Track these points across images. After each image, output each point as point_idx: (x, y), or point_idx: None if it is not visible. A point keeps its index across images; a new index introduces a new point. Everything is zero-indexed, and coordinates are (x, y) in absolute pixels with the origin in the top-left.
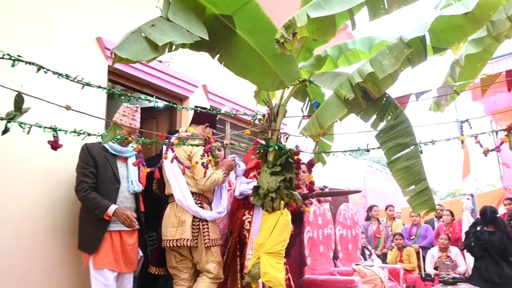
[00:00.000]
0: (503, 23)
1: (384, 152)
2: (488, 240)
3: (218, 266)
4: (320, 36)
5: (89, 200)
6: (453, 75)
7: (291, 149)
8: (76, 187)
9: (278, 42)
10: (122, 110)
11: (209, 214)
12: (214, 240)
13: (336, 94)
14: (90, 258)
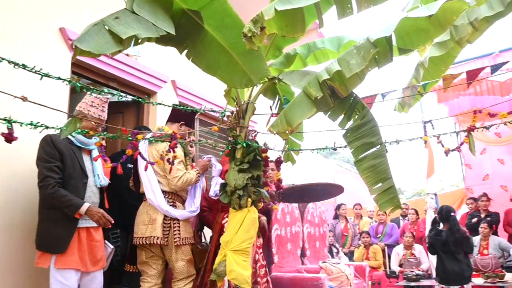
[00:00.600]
0: (466, 28)
1: (351, 151)
2: (439, 239)
3: (188, 264)
4: (289, 32)
5: (58, 197)
6: (417, 77)
7: (259, 147)
8: (40, 182)
9: (246, 36)
10: (90, 100)
11: (180, 213)
12: (185, 238)
13: (305, 92)
14: (53, 257)
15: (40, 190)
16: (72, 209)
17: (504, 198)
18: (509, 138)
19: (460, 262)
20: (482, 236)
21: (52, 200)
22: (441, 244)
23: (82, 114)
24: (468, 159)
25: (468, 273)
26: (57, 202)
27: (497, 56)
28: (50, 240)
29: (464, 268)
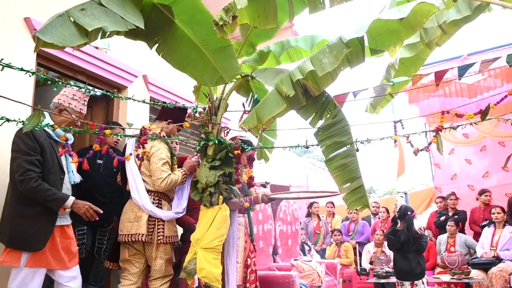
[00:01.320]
0: (435, 31)
1: (322, 149)
2: (392, 237)
3: (167, 263)
4: (261, 24)
5: (42, 191)
6: (388, 77)
7: (231, 144)
8: (20, 176)
9: (217, 25)
10: (71, 93)
11: (165, 214)
12: (168, 237)
13: (277, 89)
14: (24, 256)
15: (21, 183)
16: (58, 203)
17: (471, 197)
18: (476, 139)
19: (410, 260)
20: (449, 233)
21: (36, 194)
22: (394, 242)
23: (62, 107)
24: (437, 159)
25: (417, 271)
26: (41, 196)
27: (465, 59)
28: (25, 238)
29: (414, 266)
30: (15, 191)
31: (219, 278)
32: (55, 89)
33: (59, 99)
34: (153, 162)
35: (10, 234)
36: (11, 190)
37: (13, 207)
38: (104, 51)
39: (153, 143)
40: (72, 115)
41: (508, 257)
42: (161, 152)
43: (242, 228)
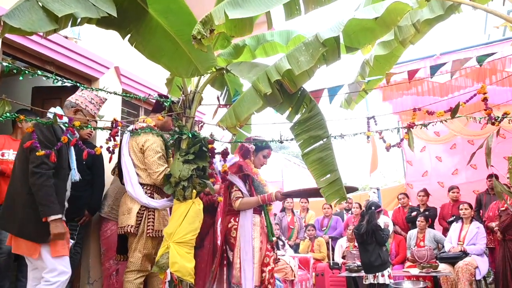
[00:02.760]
0: (409, 29)
1: (298, 144)
2: (355, 231)
3: (144, 258)
4: (238, 33)
5: (46, 191)
6: (363, 74)
7: (205, 138)
8: (35, 167)
9: (195, 38)
10: (90, 96)
11: (160, 203)
12: (158, 231)
13: (254, 87)
14: (45, 246)
15: (32, 175)
16: (48, 212)
17: (441, 194)
18: (447, 137)
19: (370, 253)
20: (419, 229)
21: (39, 190)
22: (357, 235)
23: (78, 107)
24: (409, 156)
25: (377, 263)
26: (41, 195)
27: (438, 58)
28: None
29: (374, 259)
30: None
31: (192, 272)
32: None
33: (76, 99)
34: (148, 156)
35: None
36: (20, 181)
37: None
38: (74, 40)
39: (147, 136)
40: (86, 117)
41: (474, 251)
42: (156, 145)
43: (257, 228)
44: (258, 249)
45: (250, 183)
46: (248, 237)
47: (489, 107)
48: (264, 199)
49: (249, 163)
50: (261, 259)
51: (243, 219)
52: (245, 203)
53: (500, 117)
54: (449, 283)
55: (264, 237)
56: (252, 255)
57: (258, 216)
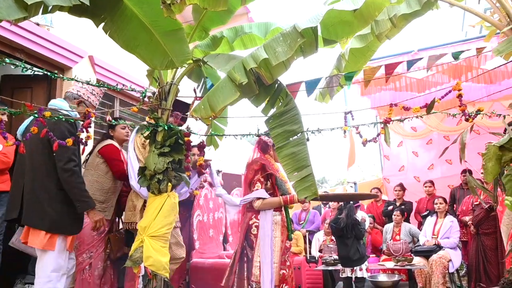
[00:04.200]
0: (385, 23)
1: (273, 137)
2: (333, 225)
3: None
4: (211, 5)
5: (79, 189)
6: (339, 67)
7: (181, 130)
8: (64, 164)
9: (165, 3)
10: (91, 88)
11: None
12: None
13: (229, 77)
14: (60, 239)
15: (63, 172)
16: (85, 207)
17: (417, 188)
18: (424, 133)
19: (348, 247)
20: (395, 223)
21: (74, 188)
22: (335, 229)
23: (81, 99)
24: (386, 151)
25: (356, 257)
26: (77, 192)
27: (415, 54)
28: (71, 222)
29: (352, 253)
30: (53, 177)
31: (167, 267)
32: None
33: (78, 91)
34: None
35: (52, 219)
36: (46, 176)
37: (53, 193)
38: (46, 28)
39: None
40: (88, 108)
41: (447, 244)
42: None
43: (279, 227)
44: (279, 249)
45: (273, 182)
46: (268, 239)
47: (464, 104)
48: (286, 200)
49: (270, 159)
50: (282, 259)
51: (263, 220)
52: (267, 203)
53: (473, 113)
54: (423, 275)
55: (285, 236)
56: (272, 256)
57: (279, 214)
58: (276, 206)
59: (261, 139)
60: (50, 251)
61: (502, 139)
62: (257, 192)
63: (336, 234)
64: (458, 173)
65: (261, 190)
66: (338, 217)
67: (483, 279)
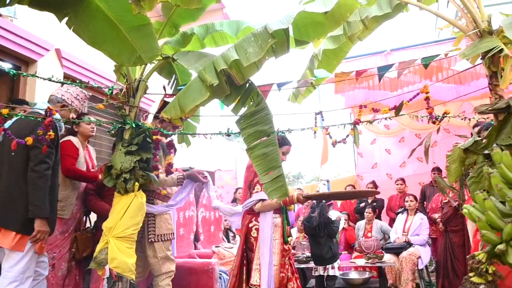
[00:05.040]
0: (357, 25)
1: (244, 138)
2: (306, 223)
3: (162, 261)
4: (184, 3)
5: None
6: (312, 68)
7: (149, 128)
8: (35, 164)
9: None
10: (76, 92)
11: (155, 209)
12: (160, 235)
13: (200, 78)
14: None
15: (32, 172)
16: (37, 212)
17: (389, 186)
18: (396, 131)
19: (321, 245)
20: (367, 220)
21: (36, 190)
22: (308, 228)
23: (65, 103)
24: (360, 148)
25: (329, 255)
26: (38, 195)
27: (388, 54)
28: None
29: (325, 251)
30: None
31: (133, 268)
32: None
33: (62, 95)
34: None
35: (24, 220)
36: (21, 176)
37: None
38: (9, 19)
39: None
40: (71, 112)
41: (417, 241)
42: None
43: (279, 230)
44: (278, 251)
45: None
46: (267, 241)
47: (431, 106)
48: (286, 201)
49: None
50: (282, 261)
51: (263, 222)
52: (266, 205)
53: (440, 116)
54: (393, 272)
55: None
56: (271, 259)
57: (279, 216)
58: (275, 208)
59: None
60: (18, 252)
61: (467, 141)
62: (257, 195)
63: (309, 233)
64: (429, 171)
65: (261, 192)
66: (311, 216)
67: (450, 275)
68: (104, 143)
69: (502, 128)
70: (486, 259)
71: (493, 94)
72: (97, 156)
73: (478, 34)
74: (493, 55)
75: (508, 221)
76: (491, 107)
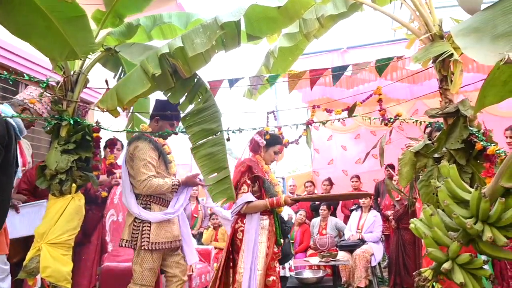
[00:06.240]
0: (313, 23)
1: (189, 136)
2: None
3: (147, 272)
4: None
5: None
6: (267, 65)
7: (89, 125)
8: None
9: None
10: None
11: (152, 216)
12: (155, 243)
13: (142, 67)
14: None
15: None
16: None
17: (345, 182)
18: (352, 127)
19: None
20: (322, 217)
21: None
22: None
23: (26, 106)
24: (317, 144)
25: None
26: None
27: (344, 52)
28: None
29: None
30: None
31: (69, 277)
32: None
33: (24, 98)
34: (135, 165)
35: None
36: None
37: None
38: None
39: (136, 143)
40: (33, 115)
41: (371, 239)
42: (143, 153)
43: (265, 232)
44: (264, 255)
45: (260, 185)
46: (251, 244)
47: (384, 108)
48: (273, 203)
49: (260, 160)
50: (266, 265)
51: (248, 224)
52: (252, 207)
53: (392, 118)
54: (347, 270)
55: (272, 241)
56: (255, 262)
57: (267, 218)
58: (262, 209)
59: (253, 138)
60: None
61: (418, 145)
62: (243, 197)
63: None
64: (383, 167)
65: (248, 193)
66: None
67: (402, 272)
68: (44, 137)
69: (451, 132)
70: (432, 276)
71: (443, 98)
72: (36, 152)
73: (430, 38)
74: (443, 59)
75: (454, 236)
76: (441, 111)
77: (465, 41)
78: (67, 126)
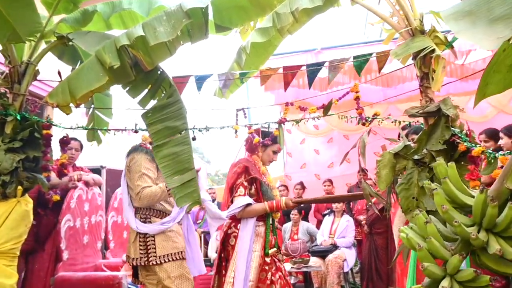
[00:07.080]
0: (287, 17)
1: (151, 134)
2: None
3: (180, 280)
4: None
5: None
6: (239, 61)
7: (39, 121)
8: None
9: None
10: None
11: (150, 228)
12: (163, 256)
13: (98, 58)
14: None
15: None
16: None
17: (317, 186)
18: (325, 131)
19: None
20: (293, 222)
21: None
22: None
23: None
24: (289, 148)
25: None
26: None
27: (318, 53)
28: None
29: None
30: None
31: None
32: None
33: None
34: (131, 178)
35: None
36: None
37: None
38: None
39: (133, 155)
40: None
41: (343, 244)
42: (138, 165)
43: (260, 240)
44: (257, 265)
45: (257, 187)
46: (245, 252)
47: (361, 107)
48: (272, 206)
49: (257, 160)
50: (258, 276)
51: (242, 230)
52: (250, 211)
53: (370, 117)
54: (319, 276)
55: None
56: (248, 273)
57: (262, 225)
58: (260, 214)
59: (249, 137)
60: None
61: (397, 146)
62: (240, 200)
63: None
64: (356, 172)
65: (246, 196)
66: None
67: (374, 278)
68: None
69: (432, 133)
70: None
71: (424, 97)
72: None
73: (410, 33)
74: (424, 55)
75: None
76: (421, 110)
77: (458, 25)
78: (13, 122)
